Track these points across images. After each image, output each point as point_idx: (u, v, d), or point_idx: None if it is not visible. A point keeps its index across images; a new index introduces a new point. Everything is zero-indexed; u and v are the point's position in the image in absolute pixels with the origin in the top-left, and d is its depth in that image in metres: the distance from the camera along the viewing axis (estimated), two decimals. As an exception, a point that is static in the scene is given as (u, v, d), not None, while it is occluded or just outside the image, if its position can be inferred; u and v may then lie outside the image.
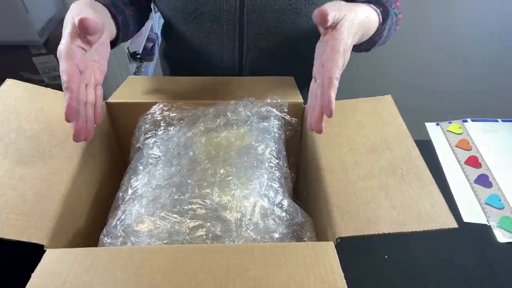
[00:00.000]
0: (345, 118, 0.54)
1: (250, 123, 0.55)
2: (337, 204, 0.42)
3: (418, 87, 1.56)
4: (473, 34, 1.41)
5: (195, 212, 0.44)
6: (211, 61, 0.71)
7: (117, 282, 0.34)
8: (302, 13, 0.63)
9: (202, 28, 0.66)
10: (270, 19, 0.64)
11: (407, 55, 1.49)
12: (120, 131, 0.61)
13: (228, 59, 0.70)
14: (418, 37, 1.45)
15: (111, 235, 0.43)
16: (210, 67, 0.72)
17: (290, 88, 0.62)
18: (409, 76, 1.53)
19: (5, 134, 0.46)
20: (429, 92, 1.57)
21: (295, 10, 0.62)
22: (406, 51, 1.48)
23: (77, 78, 0.42)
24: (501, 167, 0.73)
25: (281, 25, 0.64)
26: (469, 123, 0.84)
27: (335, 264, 0.36)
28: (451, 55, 1.48)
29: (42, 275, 0.35)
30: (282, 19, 0.64)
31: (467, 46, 1.44)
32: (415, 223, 0.40)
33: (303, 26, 0.65)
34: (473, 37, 1.42)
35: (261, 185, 0.47)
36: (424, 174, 0.45)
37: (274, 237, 0.43)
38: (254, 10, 0.63)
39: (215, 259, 0.36)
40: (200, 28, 0.67)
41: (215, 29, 0.66)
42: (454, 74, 1.52)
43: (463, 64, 1.49)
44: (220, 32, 0.66)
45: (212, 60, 0.71)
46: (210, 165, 0.49)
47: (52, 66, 1.45)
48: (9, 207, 0.39)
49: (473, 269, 0.59)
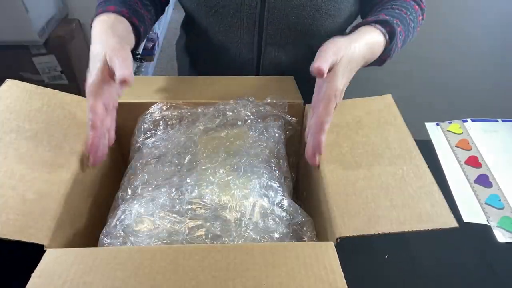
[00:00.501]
0: (345, 118, 0.54)
1: (250, 122, 0.55)
2: (337, 204, 0.42)
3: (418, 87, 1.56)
4: (473, 34, 1.41)
5: (195, 212, 0.44)
6: (229, 56, 0.72)
7: (117, 282, 0.34)
8: (322, 10, 0.64)
9: (223, 22, 0.67)
10: (290, 15, 0.64)
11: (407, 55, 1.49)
12: (120, 131, 0.61)
13: (246, 53, 0.71)
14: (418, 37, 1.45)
15: (110, 235, 0.43)
16: (229, 61, 0.73)
17: (290, 88, 0.62)
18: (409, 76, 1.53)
19: (5, 134, 0.46)
20: (429, 92, 1.57)
21: (315, 6, 0.63)
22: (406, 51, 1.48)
23: (103, 115, 0.45)
24: (501, 167, 0.73)
25: (301, 21, 0.65)
26: (469, 123, 0.84)
27: (335, 264, 0.36)
28: (451, 55, 1.48)
29: (42, 275, 0.35)
30: (302, 15, 0.64)
31: (467, 46, 1.45)
32: (415, 222, 0.40)
33: (322, 23, 0.66)
34: (473, 37, 1.42)
35: (260, 185, 0.47)
36: (424, 173, 0.45)
37: (274, 237, 0.43)
38: (275, 5, 0.63)
39: (215, 259, 0.36)
40: (221, 22, 0.67)
41: (235, 23, 0.67)
42: (454, 74, 1.52)
43: (463, 64, 1.49)
44: (240, 26, 0.67)
45: (230, 54, 0.72)
46: (209, 165, 0.49)
47: (52, 66, 1.45)
48: (9, 207, 0.39)
49: (473, 269, 0.59)
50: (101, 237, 0.43)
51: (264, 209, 0.45)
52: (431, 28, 1.42)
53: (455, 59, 1.48)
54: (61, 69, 1.46)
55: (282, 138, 0.55)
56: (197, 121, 0.55)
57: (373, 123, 0.53)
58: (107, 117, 0.47)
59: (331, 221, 0.41)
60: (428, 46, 1.46)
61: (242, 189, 0.46)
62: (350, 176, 0.46)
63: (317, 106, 0.48)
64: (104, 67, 0.45)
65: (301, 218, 0.46)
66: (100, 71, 0.45)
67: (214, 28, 0.69)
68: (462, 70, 1.50)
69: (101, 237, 0.43)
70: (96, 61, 0.46)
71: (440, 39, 1.44)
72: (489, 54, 1.45)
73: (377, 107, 0.55)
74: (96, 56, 0.46)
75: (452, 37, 1.43)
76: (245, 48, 0.70)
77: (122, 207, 0.46)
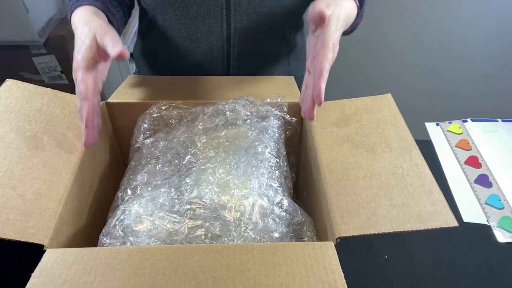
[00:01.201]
0: (345, 117, 0.54)
1: (250, 122, 0.55)
2: (337, 203, 0.42)
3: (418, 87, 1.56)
4: (473, 35, 1.41)
5: (194, 212, 0.44)
6: (200, 47, 0.72)
7: (117, 282, 0.34)
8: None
9: (190, 12, 0.67)
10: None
11: (407, 55, 1.49)
12: (120, 131, 0.61)
13: (216, 42, 0.71)
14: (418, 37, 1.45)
15: (110, 235, 0.43)
16: (199, 53, 0.72)
17: (290, 87, 0.62)
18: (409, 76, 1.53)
19: (5, 134, 0.46)
20: (429, 92, 1.57)
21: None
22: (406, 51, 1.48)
23: (93, 89, 0.45)
24: (501, 167, 0.73)
25: (266, 3, 0.66)
26: (469, 123, 0.84)
27: (335, 264, 0.36)
28: (451, 55, 1.48)
29: (42, 275, 0.35)
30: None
31: (467, 46, 1.44)
32: (415, 222, 0.40)
33: (285, 4, 0.67)
34: (473, 38, 1.42)
35: (260, 185, 0.47)
36: (424, 173, 0.45)
37: (274, 237, 0.43)
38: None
39: (214, 259, 0.36)
40: (187, 13, 0.67)
41: (202, 12, 0.67)
42: (454, 74, 1.52)
43: (463, 65, 1.49)
44: (207, 15, 0.67)
45: (201, 46, 0.72)
46: (209, 164, 0.49)
47: (52, 66, 1.45)
48: (9, 207, 0.39)
49: (473, 269, 0.59)
50: (101, 237, 0.43)
51: (263, 209, 0.45)
52: (431, 29, 1.42)
53: (455, 59, 1.48)
54: (61, 69, 1.46)
55: (282, 138, 0.55)
56: (196, 121, 0.55)
57: (373, 122, 0.53)
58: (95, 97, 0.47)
59: (331, 221, 0.41)
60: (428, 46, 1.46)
61: (242, 188, 0.46)
62: (350, 176, 0.46)
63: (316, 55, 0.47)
64: (93, 44, 0.45)
65: (301, 217, 0.46)
66: (90, 48, 0.45)
67: (181, 21, 0.69)
68: (462, 70, 1.50)
69: (101, 237, 0.43)
70: (85, 39, 0.46)
71: (440, 39, 1.44)
72: (489, 54, 1.45)
73: (377, 107, 0.55)
74: (84, 35, 0.46)
75: (452, 37, 1.43)
76: (215, 37, 0.70)
77: (121, 207, 0.46)
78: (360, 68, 1.52)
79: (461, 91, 1.54)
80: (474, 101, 1.53)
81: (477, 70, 1.48)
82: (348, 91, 0.89)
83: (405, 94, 0.95)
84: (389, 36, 1.44)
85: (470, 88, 1.53)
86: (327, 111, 0.56)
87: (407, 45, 1.45)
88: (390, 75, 1.53)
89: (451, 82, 1.53)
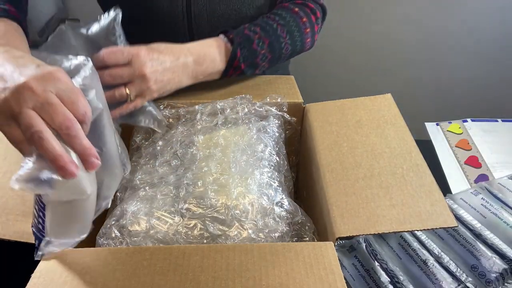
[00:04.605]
0: (345, 117, 0.54)
1: (249, 121, 0.55)
2: (337, 203, 0.42)
3: (418, 87, 1.56)
4: (473, 34, 1.41)
5: (192, 211, 0.44)
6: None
7: (117, 282, 0.34)
8: None
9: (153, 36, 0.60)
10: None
11: (407, 55, 1.49)
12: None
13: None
14: (418, 37, 1.45)
15: (106, 235, 0.43)
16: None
17: (289, 87, 0.62)
18: (409, 76, 1.53)
19: (4, 134, 0.46)
20: (429, 92, 1.57)
21: None
22: (406, 51, 1.48)
23: None
24: (501, 167, 0.73)
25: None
26: (469, 123, 0.84)
27: (335, 264, 0.36)
28: (451, 55, 1.48)
29: (42, 275, 0.35)
30: None
31: (467, 46, 1.44)
32: (415, 221, 0.40)
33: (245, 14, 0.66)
34: (473, 37, 1.42)
35: (260, 184, 0.47)
36: (424, 173, 0.45)
37: (274, 236, 0.43)
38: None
39: (214, 259, 0.36)
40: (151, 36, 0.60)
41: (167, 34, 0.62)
42: (454, 74, 1.52)
43: (463, 64, 1.49)
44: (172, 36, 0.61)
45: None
46: (208, 164, 0.49)
47: (52, 66, 1.45)
48: (9, 208, 0.39)
49: (473, 269, 0.59)
50: (98, 238, 0.43)
51: (263, 208, 0.45)
52: (431, 29, 1.41)
53: (455, 59, 1.48)
54: (61, 69, 1.46)
55: (282, 138, 0.55)
56: (195, 120, 0.55)
57: (373, 122, 0.53)
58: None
59: (331, 221, 0.41)
60: (428, 46, 1.46)
61: (241, 188, 0.46)
62: (350, 176, 0.46)
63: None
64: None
65: (301, 217, 0.46)
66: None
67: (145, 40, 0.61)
68: (462, 70, 1.50)
69: (98, 238, 0.43)
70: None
71: (440, 39, 1.44)
72: (489, 54, 1.45)
73: (377, 107, 0.55)
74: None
75: (452, 37, 1.43)
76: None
77: (119, 207, 0.45)
78: (360, 68, 1.51)
79: (461, 91, 1.54)
80: (474, 101, 1.53)
81: (477, 70, 1.48)
82: (348, 91, 0.89)
83: (405, 94, 0.94)
84: (389, 36, 1.44)
85: (470, 88, 1.53)
86: (327, 111, 0.56)
87: (407, 45, 1.45)
88: (390, 75, 1.53)
89: (451, 82, 1.53)
